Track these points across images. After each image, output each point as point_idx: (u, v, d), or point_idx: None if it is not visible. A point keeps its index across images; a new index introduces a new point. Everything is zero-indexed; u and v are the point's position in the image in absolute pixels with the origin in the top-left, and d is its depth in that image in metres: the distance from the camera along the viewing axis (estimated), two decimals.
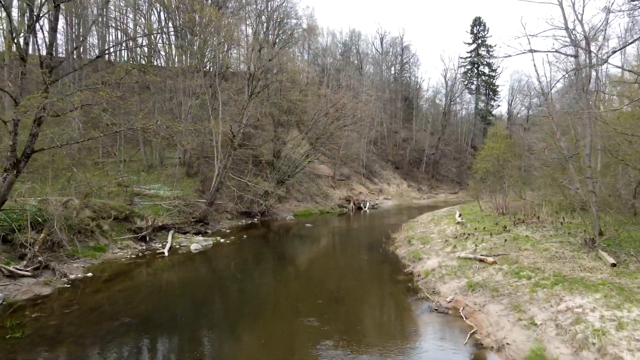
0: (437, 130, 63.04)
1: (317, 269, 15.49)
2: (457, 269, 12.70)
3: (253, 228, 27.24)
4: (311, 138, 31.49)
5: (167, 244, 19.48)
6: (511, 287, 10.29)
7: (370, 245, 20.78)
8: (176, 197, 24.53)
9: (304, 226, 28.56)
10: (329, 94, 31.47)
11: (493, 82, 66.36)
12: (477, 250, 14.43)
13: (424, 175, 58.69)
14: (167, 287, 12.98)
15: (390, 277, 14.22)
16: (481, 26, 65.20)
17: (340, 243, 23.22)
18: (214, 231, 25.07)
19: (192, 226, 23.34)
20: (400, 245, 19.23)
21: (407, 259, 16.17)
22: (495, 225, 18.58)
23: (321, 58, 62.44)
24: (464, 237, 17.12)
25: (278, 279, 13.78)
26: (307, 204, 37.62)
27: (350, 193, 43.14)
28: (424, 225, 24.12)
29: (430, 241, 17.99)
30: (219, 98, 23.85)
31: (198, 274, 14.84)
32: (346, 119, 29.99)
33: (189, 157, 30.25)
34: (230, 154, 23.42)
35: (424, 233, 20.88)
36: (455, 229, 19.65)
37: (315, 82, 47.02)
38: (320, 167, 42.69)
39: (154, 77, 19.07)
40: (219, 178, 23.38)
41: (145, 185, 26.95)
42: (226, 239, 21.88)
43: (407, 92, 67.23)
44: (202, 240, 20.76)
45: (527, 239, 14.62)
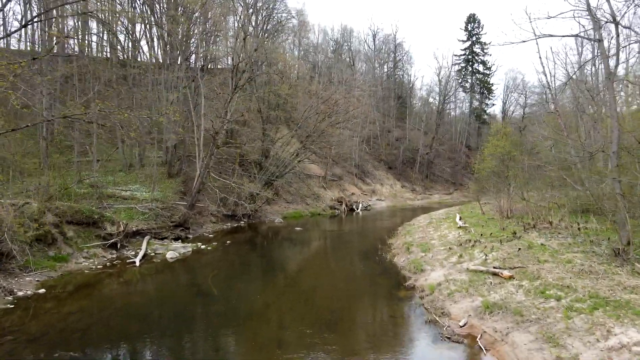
0: (431, 129, 61.56)
1: (306, 282, 13.68)
2: (468, 285, 10.95)
3: (239, 232, 25.36)
4: (301, 136, 29.66)
5: (140, 251, 17.54)
6: (538, 310, 8.56)
7: (365, 252, 19.01)
8: (154, 200, 22.55)
9: (293, 230, 26.72)
10: (320, 90, 29.64)
11: (488, 81, 65.06)
12: (487, 261, 12.71)
13: (418, 175, 57.14)
14: (127, 307, 11.05)
15: (390, 293, 12.44)
16: (475, 23, 63.89)
17: (333, 249, 21.42)
18: (195, 236, 23.16)
19: (171, 231, 21.39)
20: (398, 253, 17.48)
21: (408, 269, 14.41)
22: (503, 230, 16.91)
23: (312, 55, 60.62)
24: (469, 244, 15.41)
25: (261, 297, 11.93)
26: (297, 206, 35.79)
27: (342, 194, 41.39)
28: (422, 230, 22.41)
29: (431, 249, 16.27)
30: (202, 92, 21.91)
31: (168, 290, 12.92)
32: (338, 115, 28.19)
33: (170, 156, 28.25)
34: (212, 152, 21.52)
35: (423, 239, 19.16)
36: (458, 235, 17.95)
37: (306, 78, 45.18)
38: (310, 167, 40.86)
39: (134, 69, 17.14)
40: (201, 179, 21.48)
41: (122, 186, 24.95)
42: (208, 245, 19.98)
43: (400, 91, 65.65)
44: (180, 247, 18.84)
45: (543, 248, 12.94)
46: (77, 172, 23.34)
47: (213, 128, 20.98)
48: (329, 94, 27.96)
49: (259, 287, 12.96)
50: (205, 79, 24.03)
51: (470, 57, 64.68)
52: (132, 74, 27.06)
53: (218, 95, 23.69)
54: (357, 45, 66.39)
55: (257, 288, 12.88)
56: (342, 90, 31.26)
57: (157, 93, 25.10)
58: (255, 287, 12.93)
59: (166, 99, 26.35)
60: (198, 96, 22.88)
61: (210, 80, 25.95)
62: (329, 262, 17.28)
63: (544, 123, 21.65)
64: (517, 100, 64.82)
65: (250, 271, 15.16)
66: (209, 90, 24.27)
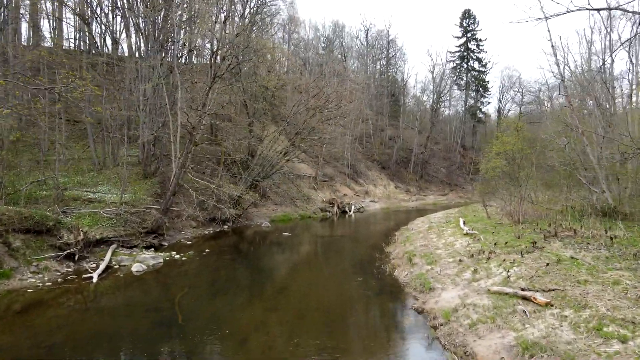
0: (425, 128, 59.65)
1: (292, 306, 11.39)
2: (493, 313, 8.76)
3: (221, 238, 23.02)
4: (290, 133, 27.35)
5: (102, 264, 15.14)
6: (599, 357, 6.39)
7: (361, 263, 16.78)
8: (123, 203, 20.10)
9: (281, 235, 24.45)
10: (310, 83, 27.36)
11: (483, 78, 63.31)
12: (510, 279, 10.55)
13: (412, 175, 55.16)
14: (65, 342, 8.67)
15: (395, 321, 10.24)
16: (471, 19, 62.12)
17: (324, 260, 19.16)
18: (172, 243, 20.82)
19: (142, 239, 18.96)
20: (399, 265, 15.27)
21: (413, 287, 12.21)
22: (518, 239, 14.78)
23: (303, 52, 58.33)
24: (483, 256, 13.26)
25: (235, 328, 9.60)
26: (286, 208, 33.52)
27: (333, 195, 39.17)
28: (423, 236, 20.27)
29: (437, 260, 14.09)
30: (179, 83, 19.54)
31: (122, 317, 10.53)
32: (330, 111, 25.94)
33: (146, 155, 25.79)
34: (189, 150, 19.17)
35: (426, 247, 16.99)
36: (466, 244, 15.81)
37: (295, 71, 42.86)
38: (300, 167, 38.56)
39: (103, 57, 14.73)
40: (176, 179, 19.11)
41: (92, 187, 22.47)
42: (183, 255, 17.66)
43: (393, 88, 63.60)
44: (149, 257, 16.43)
45: (576, 263, 10.80)
46: (42, 172, 20.86)
47: (190, 123, 18.62)
48: (320, 87, 25.69)
49: (234, 314, 10.64)
50: (183, 68, 21.64)
51: (466, 54, 62.88)
52: (103, 62, 24.54)
53: (195, 86, 21.32)
54: (349, 42, 64.29)
55: (233, 315, 10.57)
56: (334, 82, 29.00)
57: (130, 84, 22.63)
58: (230, 314, 10.62)
59: (142, 91, 23.93)
60: (175, 88, 20.47)
61: (190, 71, 23.55)
62: (320, 278, 14.98)
63: (557, 118, 19.60)
64: (513, 99, 63.18)
65: (225, 290, 12.83)
66: (187, 81, 21.88)
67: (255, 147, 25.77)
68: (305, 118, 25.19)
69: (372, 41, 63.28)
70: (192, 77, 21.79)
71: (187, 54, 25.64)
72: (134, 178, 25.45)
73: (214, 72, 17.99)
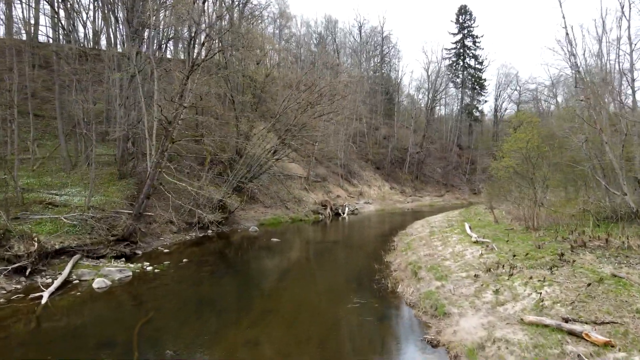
0: (420, 127, 57.88)
1: (279, 337, 9.32)
2: (534, 354, 6.81)
3: (204, 244, 20.93)
4: (279, 130, 25.28)
5: (57, 279, 13.00)
6: None
7: (358, 276, 14.77)
8: (91, 207, 17.93)
9: (269, 241, 22.39)
10: (301, 75, 25.31)
11: (480, 76, 61.67)
12: (544, 302, 8.62)
13: (407, 176, 53.37)
14: None
15: (403, 357, 8.25)
16: (467, 15, 60.47)
17: (317, 272, 17.11)
18: (147, 251, 18.74)
19: (112, 247, 16.80)
20: (403, 279, 13.30)
21: (422, 309, 10.22)
22: (538, 249, 12.89)
23: (295, 48, 56.23)
24: (502, 270, 11.34)
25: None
26: (276, 210, 31.44)
27: (326, 197, 37.15)
28: (426, 243, 18.34)
29: (448, 275, 12.13)
30: (154, 71, 17.42)
31: (64, 353, 8.42)
32: (323, 105, 23.91)
33: (121, 153, 23.59)
34: (165, 148, 17.06)
35: (431, 257, 15.04)
36: (478, 253, 13.89)
37: (286, 67, 40.77)
38: (291, 167, 36.48)
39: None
40: (151, 181, 16.99)
41: (59, 189, 20.28)
42: (157, 266, 15.57)
43: (387, 86, 61.73)
44: (115, 270, 14.28)
45: (622, 283, 8.90)
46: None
47: (165, 117, 16.52)
48: (312, 80, 23.64)
49: (201, 348, 8.57)
50: (160, 57, 19.49)
51: (462, 51, 61.23)
52: (73, 51, 22.30)
53: (174, 77, 19.16)
54: (343, 38, 62.28)
55: (199, 349, 8.50)
56: (327, 75, 26.95)
57: (102, 74, 20.43)
58: (197, 348, 8.55)
59: (116, 83, 21.71)
60: (151, 79, 18.34)
61: (169, 62, 21.38)
62: (311, 296, 12.89)
63: (572, 112, 17.76)
64: (510, 97, 61.61)
65: (197, 314, 10.74)
66: (165, 72, 19.73)
67: (242, 145, 23.67)
68: (296, 114, 23.15)
69: (366, 37, 61.38)
70: (170, 67, 19.62)
71: (165, 42, 23.49)
72: (107, 179, 23.27)
73: (192, 60, 15.91)
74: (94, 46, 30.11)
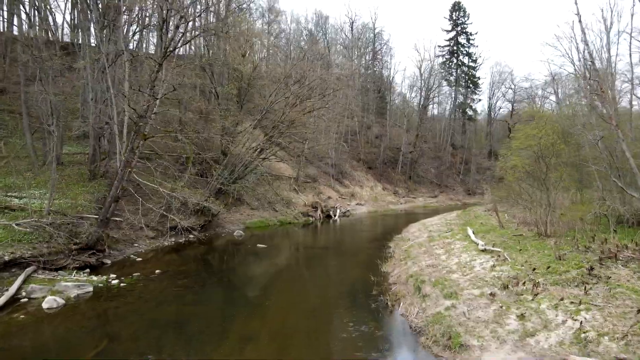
0: (413, 126, 56.39)
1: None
2: None
3: (183, 250, 19.08)
4: (266, 127, 23.44)
5: (4, 295, 11.07)
6: None
7: (353, 291, 13.00)
8: (52, 212, 15.93)
9: (254, 247, 20.57)
10: (290, 67, 23.46)
11: (474, 74, 60.38)
12: (587, 334, 6.94)
13: (400, 176, 51.82)
14: None
15: None
16: (461, 12, 59.15)
17: (306, 285, 15.25)
18: (118, 260, 16.88)
19: (74, 257, 14.84)
20: (404, 295, 11.56)
21: (432, 338, 8.46)
22: (559, 260, 11.25)
23: (285, 44, 54.30)
24: (522, 287, 9.68)
25: None
26: (264, 213, 29.60)
27: (317, 198, 35.37)
28: (426, 251, 16.67)
29: (458, 292, 10.41)
30: (125, 61, 15.50)
31: None
32: (313, 100, 22.10)
33: (93, 152, 21.58)
34: (136, 145, 15.16)
35: (434, 268, 13.35)
36: (489, 265, 12.22)
37: (275, 63, 38.88)
38: (279, 167, 34.63)
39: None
40: (118, 182, 15.07)
41: (21, 192, 18.24)
42: (124, 279, 13.68)
43: (379, 84, 60.11)
44: (73, 286, 12.32)
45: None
46: None
47: (135, 110, 14.62)
48: (302, 72, 21.81)
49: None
50: (131, 42, 17.56)
51: (455, 49, 59.88)
52: (35, 38, 20.26)
53: (136, 57, 17.23)
54: (334, 35, 60.52)
55: None
56: (317, 67, 25.13)
57: (70, 66, 18.43)
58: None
59: (87, 74, 19.71)
60: (122, 69, 16.41)
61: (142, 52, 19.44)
62: (299, 320, 10.89)
63: (588, 107, 16.21)
64: (504, 95, 60.37)
65: (160, 345, 8.87)
66: (138, 61, 17.81)
67: (226, 143, 21.79)
68: (285, 109, 21.32)
69: (358, 34, 59.68)
70: (144, 55, 17.68)
71: (139, 29, 21.49)
72: (77, 179, 21.26)
73: (164, 46, 14.04)
74: (70, 38, 28.02)
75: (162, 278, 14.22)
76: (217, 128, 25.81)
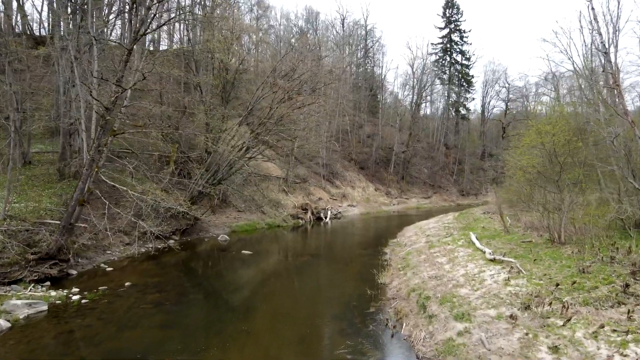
0: (405, 125, 55.05)
1: None
2: None
3: (161, 258, 17.38)
4: (253, 124, 21.81)
5: None
6: None
7: (348, 308, 11.39)
8: (9, 217, 14.16)
9: (239, 253, 18.97)
10: (279, 58, 21.85)
11: (467, 72, 59.25)
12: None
13: (393, 177, 50.43)
14: None
15: None
16: (454, 9, 58.00)
17: (295, 302, 13.54)
18: (86, 270, 15.26)
19: (32, 269, 13.13)
20: (407, 314, 10.06)
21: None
22: (583, 273, 9.83)
23: (274, 41, 52.61)
24: (546, 306, 8.23)
25: None
26: (251, 215, 27.96)
27: (307, 200, 33.81)
28: (427, 258, 15.21)
29: (470, 312, 8.93)
30: (94, 45, 13.80)
31: None
32: (303, 94, 20.51)
33: (63, 149, 19.81)
34: (103, 142, 13.47)
35: (439, 280, 11.87)
36: (501, 277, 10.78)
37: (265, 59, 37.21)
38: (267, 167, 32.99)
39: None
40: (83, 184, 13.38)
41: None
42: (87, 294, 12.00)
43: (371, 82, 58.70)
44: (24, 304, 10.63)
45: None
46: None
47: (100, 102, 12.95)
48: (290, 65, 20.20)
49: None
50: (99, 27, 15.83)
51: (449, 46, 58.70)
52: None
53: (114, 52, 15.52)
54: (324, 31, 58.94)
55: None
56: (307, 58, 23.53)
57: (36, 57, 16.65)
58: None
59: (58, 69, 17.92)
60: (89, 56, 14.69)
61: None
62: (284, 349, 9.30)
63: (600, 103, 14.86)
64: (498, 94, 59.34)
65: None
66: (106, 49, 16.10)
67: (206, 139, 20.13)
68: (272, 104, 19.72)
69: (349, 31, 58.18)
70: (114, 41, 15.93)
71: (113, 16, 19.75)
72: (44, 180, 19.46)
73: (134, 29, 12.39)
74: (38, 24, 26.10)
75: (131, 292, 12.55)
76: (200, 125, 24.15)
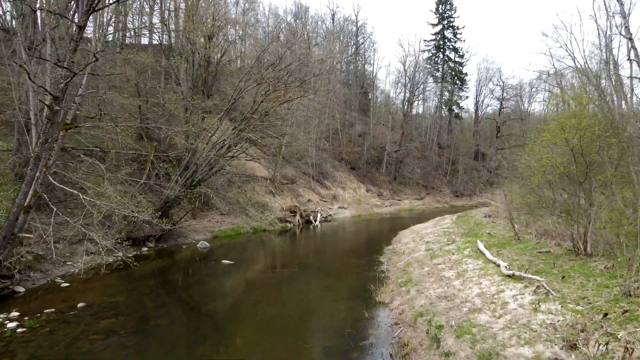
0: (398, 124, 53.38)
1: None
2: None
3: (129, 269, 15.06)
4: (235, 120, 19.79)
5: None
6: None
7: (342, 341, 9.40)
8: None
9: (219, 263, 16.92)
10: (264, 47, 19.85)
11: (461, 70, 57.78)
12: None
13: (385, 177, 48.71)
14: None
15: None
16: (448, 5, 56.47)
17: (279, 332, 11.41)
18: (39, 284, 13.25)
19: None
20: (416, 349, 8.14)
21: None
22: (630, 297, 8.04)
23: (262, 36, 50.51)
24: (596, 346, 6.39)
25: None
26: (235, 219, 25.89)
27: (296, 201, 31.84)
28: (430, 271, 13.34)
29: (499, 352, 7.06)
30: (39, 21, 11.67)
31: None
32: (291, 87, 18.52)
33: (15, 149, 17.58)
34: (53, 137, 11.39)
35: (449, 301, 9.99)
36: (525, 299, 8.95)
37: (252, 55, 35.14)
38: (253, 167, 30.94)
39: None
40: (27, 187, 11.26)
41: None
42: (27, 320, 9.89)
43: (362, 80, 56.93)
44: None
45: None
46: None
47: (45, 89, 10.87)
48: (277, 55, 18.20)
49: None
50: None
51: (442, 43, 57.19)
52: None
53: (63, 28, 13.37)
54: (314, 25, 57.00)
55: None
56: (295, 47, 21.56)
57: None
58: None
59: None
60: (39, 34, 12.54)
61: None
62: None
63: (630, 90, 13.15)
64: (492, 92, 57.97)
65: None
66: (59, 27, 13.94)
67: (177, 135, 18.07)
68: (256, 97, 17.73)
69: (339, 26, 56.32)
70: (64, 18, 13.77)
71: None
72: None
73: (87, 2, 10.33)
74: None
75: (83, 316, 10.46)
76: (176, 118, 22.12)
